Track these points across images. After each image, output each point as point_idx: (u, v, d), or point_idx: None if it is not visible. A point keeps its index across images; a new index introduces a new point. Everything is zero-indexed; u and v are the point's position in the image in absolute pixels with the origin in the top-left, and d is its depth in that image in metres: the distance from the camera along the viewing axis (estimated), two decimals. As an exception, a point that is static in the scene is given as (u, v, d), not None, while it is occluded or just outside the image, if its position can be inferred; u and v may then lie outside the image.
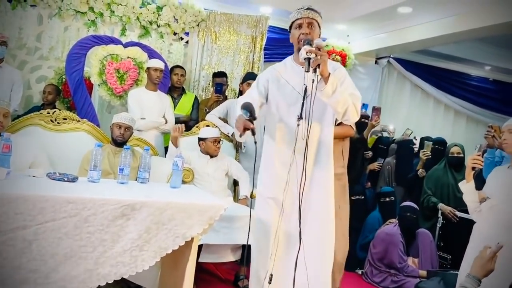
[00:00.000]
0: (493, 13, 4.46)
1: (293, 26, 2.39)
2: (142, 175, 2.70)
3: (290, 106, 2.34)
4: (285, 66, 2.45)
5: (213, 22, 5.10)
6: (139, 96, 3.97)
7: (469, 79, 7.54)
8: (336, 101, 2.18)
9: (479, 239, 2.36)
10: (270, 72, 2.48)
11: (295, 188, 2.27)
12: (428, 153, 4.44)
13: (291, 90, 2.36)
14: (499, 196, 2.32)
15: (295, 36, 2.35)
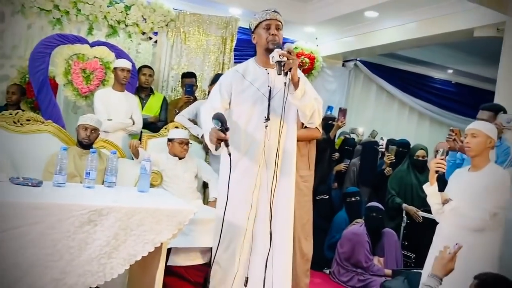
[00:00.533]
0: (454, 20, 4.64)
1: (260, 26, 2.35)
2: (109, 179, 2.66)
3: (254, 107, 2.35)
4: (247, 68, 2.42)
5: (182, 22, 5.06)
6: (105, 97, 3.90)
7: (433, 82, 7.79)
8: (304, 105, 2.24)
9: (442, 239, 2.45)
10: (233, 75, 2.44)
11: (265, 189, 2.30)
12: (392, 157, 4.57)
13: (255, 92, 2.36)
14: (460, 198, 2.41)
15: (263, 37, 2.33)
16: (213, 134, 2.12)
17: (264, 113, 2.31)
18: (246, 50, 5.81)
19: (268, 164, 2.33)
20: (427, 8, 4.78)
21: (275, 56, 2.13)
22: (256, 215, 2.36)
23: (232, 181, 2.29)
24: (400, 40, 5.41)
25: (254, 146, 2.34)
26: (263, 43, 2.33)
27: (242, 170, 2.34)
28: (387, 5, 4.74)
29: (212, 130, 2.14)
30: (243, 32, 5.70)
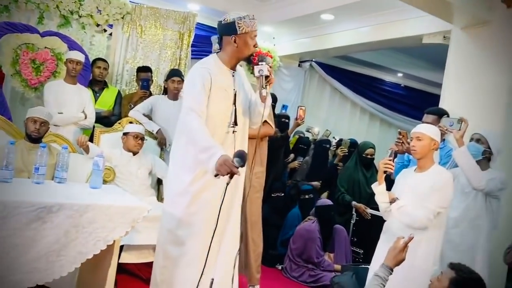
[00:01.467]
0: (405, 27, 4.85)
1: (249, 34, 2.30)
2: (59, 174, 2.59)
3: (222, 110, 2.32)
4: (214, 67, 2.33)
5: (139, 15, 4.96)
6: (56, 89, 3.77)
7: (383, 84, 8.08)
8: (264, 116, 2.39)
9: (389, 236, 2.56)
10: (208, 75, 2.29)
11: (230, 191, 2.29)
12: (345, 150, 4.73)
13: (224, 92, 2.33)
14: (406, 198, 2.53)
15: (249, 46, 2.31)
16: (227, 167, 2.02)
17: (230, 118, 2.32)
18: (204, 46, 5.79)
19: None
20: (380, 14, 4.97)
21: (264, 70, 2.21)
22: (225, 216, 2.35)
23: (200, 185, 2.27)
24: (354, 44, 5.58)
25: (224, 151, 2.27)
26: (247, 52, 2.32)
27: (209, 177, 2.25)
28: (342, 9, 4.88)
29: (227, 162, 2.03)
30: (201, 28, 5.69)
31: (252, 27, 2.30)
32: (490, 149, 2.99)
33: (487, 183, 2.84)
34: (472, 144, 2.99)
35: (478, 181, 2.82)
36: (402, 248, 1.97)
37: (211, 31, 5.89)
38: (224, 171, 2.03)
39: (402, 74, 7.90)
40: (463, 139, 2.83)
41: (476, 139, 3.04)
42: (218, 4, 5.37)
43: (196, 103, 2.24)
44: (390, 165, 2.54)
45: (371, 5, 4.71)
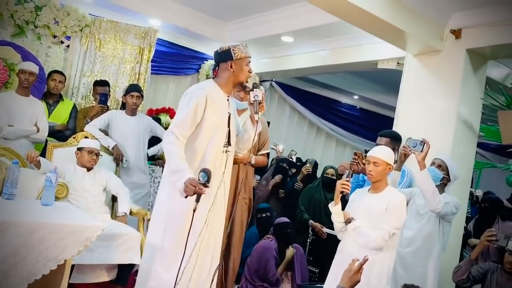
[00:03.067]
0: (361, 52, 5.04)
1: (244, 60, 2.49)
2: (8, 190, 2.47)
3: (217, 132, 2.43)
4: (212, 90, 2.45)
5: (98, 28, 4.88)
6: (7, 101, 3.64)
7: (340, 105, 8.29)
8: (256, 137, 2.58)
9: (344, 256, 2.61)
10: (204, 96, 2.39)
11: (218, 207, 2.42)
12: (309, 168, 4.80)
13: (220, 116, 2.44)
14: (362, 218, 2.60)
15: (244, 72, 2.48)
16: (192, 187, 2.10)
17: (223, 139, 2.43)
18: (164, 62, 5.77)
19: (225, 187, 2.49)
20: (338, 39, 5.14)
21: (259, 96, 2.40)
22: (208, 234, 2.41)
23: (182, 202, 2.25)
24: (312, 66, 5.72)
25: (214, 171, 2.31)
26: (242, 76, 2.49)
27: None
28: (302, 32, 5.00)
29: (193, 181, 2.11)
30: (162, 44, 5.66)
31: (246, 53, 2.50)
32: (448, 175, 3.15)
33: (444, 207, 2.95)
34: (432, 169, 3.11)
35: (436, 204, 2.92)
36: (357, 269, 2.01)
37: (172, 47, 5.88)
38: (190, 191, 2.11)
39: (358, 96, 8.15)
40: (424, 161, 2.91)
41: (438, 165, 3.18)
42: (179, 21, 5.38)
43: (179, 126, 2.32)
44: (346, 185, 2.60)
45: (329, 30, 4.86)
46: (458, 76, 3.93)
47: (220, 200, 2.45)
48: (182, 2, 5.22)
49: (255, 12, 5.24)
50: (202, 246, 2.36)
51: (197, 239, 2.29)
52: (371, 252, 2.40)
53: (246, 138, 2.64)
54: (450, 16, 3.97)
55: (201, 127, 2.38)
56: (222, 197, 2.47)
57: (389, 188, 2.66)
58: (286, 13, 4.95)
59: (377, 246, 2.50)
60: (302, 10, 4.72)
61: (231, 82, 2.50)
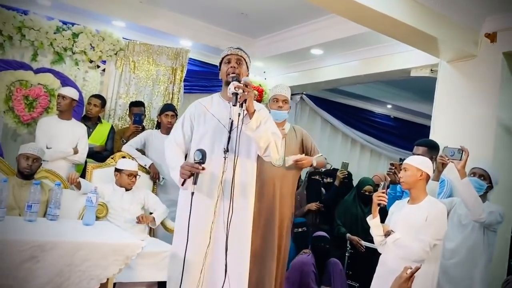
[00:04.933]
0: (393, 60, 4.98)
1: (223, 62, 2.49)
2: (52, 211, 2.57)
3: (216, 140, 2.39)
4: (211, 101, 2.52)
5: (132, 51, 5.04)
6: (47, 125, 3.78)
7: (373, 116, 8.19)
8: (259, 136, 2.29)
9: (385, 269, 2.56)
10: (195, 108, 2.53)
11: (221, 222, 2.30)
12: (345, 172, 4.74)
13: (216, 123, 2.41)
14: (401, 230, 2.54)
15: (224, 70, 2.46)
16: (187, 167, 2.18)
17: (224, 145, 2.33)
18: (196, 81, 5.88)
19: (225, 196, 2.34)
20: (368, 49, 5.11)
21: (231, 88, 2.21)
22: (213, 249, 2.33)
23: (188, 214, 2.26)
24: (343, 77, 5.69)
25: (212, 177, 2.35)
26: (223, 77, 2.46)
27: (199, 202, 2.29)
28: (331, 44, 5.01)
29: (187, 163, 2.22)
30: (193, 63, 5.79)
31: (223, 53, 2.50)
32: (491, 183, 3.02)
33: (488, 216, 2.82)
34: (475, 180, 2.97)
35: (479, 214, 2.80)
36: (408, 277, 1.96)
37: (203, 66, 6.00)
38: (186, 172, 2.18)
39: (391, 105, 8.03)
40: (464, 170, 2.82)
41: (479, 175, 3.02)
42: (209, 40, 5.49)
43: (172, 134, 2.54)
44: (383, 197, 2.56)
45: (359, 40, 4.84)
46: (495, 80, 3.82)
47: (219, 212, 2.34)
48: (211, 21, 5.33)
49: (283, 27, 5.29)
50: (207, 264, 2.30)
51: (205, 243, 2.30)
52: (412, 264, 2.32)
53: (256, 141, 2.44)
54: (483, 20, 3.88)
55: (195, 137, 2.46)
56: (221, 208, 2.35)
57: (428, 198, 2.60)
58: (314, 26, 4.97)
59: (418, 258, 2.43)
60: (331, 22, 4.73)
61: (225, 88, 2.47)
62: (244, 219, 2.43)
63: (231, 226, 2.30)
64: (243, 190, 2.41)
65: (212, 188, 2.35)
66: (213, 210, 2.33)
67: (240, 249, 2.40)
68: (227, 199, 2.32)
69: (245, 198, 2.43)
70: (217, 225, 2.32)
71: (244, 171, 2.42)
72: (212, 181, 2.35)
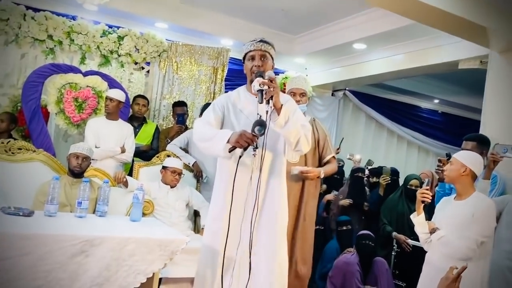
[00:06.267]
0: (440, 53, 4.81)
1: (246, 57, 2.39)
2: (101, 208, 2.66)
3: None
4: (238, 95, 2.43)
5: (174, 52, 5.15)
6: (95, 125, 3.92)
7: (420, 111, 7.94)
8: (288, 132, 2.21)
9: (431, 268, 2.47)
10: (225, 99, 2.44)
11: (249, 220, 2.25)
12: (388, 178, 4.61)
13: (245, 119, 2.34)
14: (446, 227, 2.44)
15: (248, 67, 2.36)
16: (247, 138, 2.07)
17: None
18: (237, 80, 5.91)
19: (254, 193, 2.27)
20: (414, 41, 4.95)
21: (256, 85, 2.12)
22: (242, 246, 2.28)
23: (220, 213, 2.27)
24: (388, 72, 5.55)
25: (243, 175, 2.28)
26: (248, 74, 2.37)
27: (229, 200, 2.25)
28: (375, 38, 4.89)
29: (247, 133, 2.09)
30: (234, 62, 5.83)
31: (246, 49, 2.38)
32: None
33: None
34: None
35: None
36: (455, 278, 1.88)
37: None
38: (243, 141, 2.06)
39: (438, 100, 7.76)
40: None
41: None
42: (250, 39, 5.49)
43: (203, 117, 2.42)
44: (427, 194, 2.48)
45: (403, 33, 4.70)
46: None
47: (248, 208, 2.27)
48: (251, 20, 5.35)
49: (324, 22, 5.23)
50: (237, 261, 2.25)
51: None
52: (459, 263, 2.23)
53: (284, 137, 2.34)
54: (537, 7, 3.66)
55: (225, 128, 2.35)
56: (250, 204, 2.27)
57: (476, 194, 2.48)
58: (356, 20, 4.87)
59: (464, 257, 2.33)
60: (374, 15, 4.62)
61: (249, 83, 2.36)
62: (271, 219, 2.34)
63: (260, 225, 2.27)
64: (272, 187, 2.35)
65: (241, 186, 2.28)
66: (243, 207, 2.27)
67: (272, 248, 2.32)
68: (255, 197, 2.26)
69: (276, 197, 2.36)
70: (246, 223, 2.27)
71: (273, 168, 2.36)
72: (241, 180, 2.28)
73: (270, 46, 2.41)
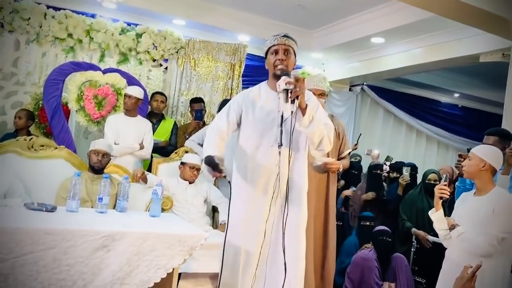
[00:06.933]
0: (460, 46, 4.72)
1: (269, 52, 2.35)
2: (121, 204, 2.70)
3: (265, 131, 2.31)
4: (259, 92, 2.40)
5: (192, 49, 5.18)
6: (114, 122, 3.96)
7: (439, 105, 7.82)
8: (312, 132, 2.21)
9: (451, 264, 2.43)
10: (244, 96, 2.41)
11: (275, 218, 2.26)
12: (407, 178, 4.58)
13: (266, 115, 2.33)
14: (466, 223, 2.41)
15: (271, 62, 2.33)
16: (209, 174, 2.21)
17: (274, 138, 2.26)
18: (254, 76, 5.91)
19: (280, 191, 2.27)
20: (433, 35, 4.87)
21: (281, 84, 2.10)
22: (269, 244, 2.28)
23: (243, 208, 2.28)
24: (406, 66, 5.49)
25: (266, 172, 2.29)
26: (271, 69, 2.34)
27: (252, 198, 2.27)
28: (393, 31, 4.83)
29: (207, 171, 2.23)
30: (251, 58, 5.83)
31: (270, 43, 2.35)
32: None
33: None
34: None
35: None
36: (470, 277, 1.86)
37: (261, 60, 6.00)
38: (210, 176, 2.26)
39: (459, 94, 7.63)
40: None
41: None
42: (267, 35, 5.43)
43: (216, 122, 2.46)
44: (445, 190, 2.45)
45: (423, 26, 4.62)
46: None
47: (275, 208, 2.28)
48: (268, 15, 5.34)
49: (341, 17, 5.19)
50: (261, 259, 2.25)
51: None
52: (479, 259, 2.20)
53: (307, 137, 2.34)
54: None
55: (244, 126, 2.37)
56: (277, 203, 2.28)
57: (496, 189, 2.44)
58: (374, 14, 4.82)
59: (484, 253, 2.29)
60: (392, 9, 4.56)
61: (272, 79, 2.35)
62: (298, 218, 2.35)
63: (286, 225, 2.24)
64: (297, 186, 2.34)
65: (266, 184, 2.29)
66: (268, 206, 2.27)
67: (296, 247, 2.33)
68: (280, 195, 2.26)
69: (299, 195, 2.36)
70: (273, 222, 2.27)
71: (297, 166, 2.35)
72: (267, 177, 2.29)
73: (293, 42, 2.40)
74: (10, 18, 4.44)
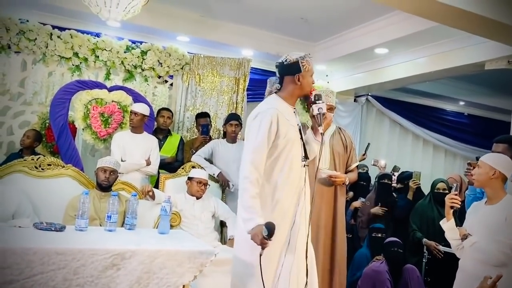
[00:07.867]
0: (465, 54, 4.72)
1: (309, 73, 2.38)
2: (129, 221, 2.69)
3: (294, 147, 2.33)
4: (280, 105, 2.34)
5: (196, 65, 5.22)
6: (121, 139, 3.97)
7: (445, 114, 7.79)
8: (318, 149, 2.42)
9: (465, 275, 2.40)
10: (275, 112, 2.29)
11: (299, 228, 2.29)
12: (418, 182, 4.54)
13: (292, 129, 2.34)
14: (478, 233, 2.38)
15: (310, 84, 2.39)
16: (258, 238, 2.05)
17: (300, 153, 2.34)
18: (258, 89, 5.93)
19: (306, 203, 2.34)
20: (437, 44, 4.88)
21: (324, 108, 2.33)
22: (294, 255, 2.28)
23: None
24: (411, 75, 5.48)
25: (294, 186, 2.31)
26: (308, 89, 2.40)
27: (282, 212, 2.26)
28: (396, 41, 4.84)
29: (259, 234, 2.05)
30: (255, 72, 5.86)
31: (312, 65, 2.43)
32: None
33: None
34: None
35: None
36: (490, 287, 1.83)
37: (265, 74, 6.04)
38: (257, 240, 2.06)
39: (464, 102, 7.61)
40: None
41: None
42: (271, 48, 5.53)
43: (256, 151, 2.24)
44: (456, 199, 2.42)
45: (426, 36, 4.63)
46: None
47: (302, 217, 2.30)
48: (271, 29, 5.37)
49: (344, 28, 5.21)
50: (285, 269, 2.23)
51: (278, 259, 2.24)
52: (495, 269, 2.16)
53: (311, 152, 2.44)
54: None
55: (277, 145, 2.26)
56: (304, 214, 2.32)
57: (508, 197, 2.41)
58: (377, 25, 4.84)
59: (498, 263, 2.25)
60: (394, 19, 4.58)
61: (296, 96, 2.39)
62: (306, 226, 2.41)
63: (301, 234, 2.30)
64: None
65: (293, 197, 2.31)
66: (292, 218, 2.28)
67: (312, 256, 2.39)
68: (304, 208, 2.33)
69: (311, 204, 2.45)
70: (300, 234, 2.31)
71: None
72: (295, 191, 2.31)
73: None
74: (17, 39, 4.50)
